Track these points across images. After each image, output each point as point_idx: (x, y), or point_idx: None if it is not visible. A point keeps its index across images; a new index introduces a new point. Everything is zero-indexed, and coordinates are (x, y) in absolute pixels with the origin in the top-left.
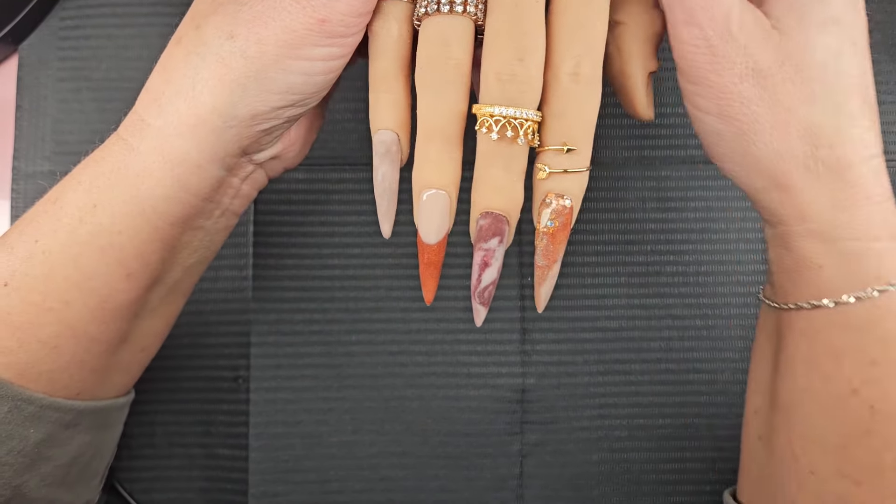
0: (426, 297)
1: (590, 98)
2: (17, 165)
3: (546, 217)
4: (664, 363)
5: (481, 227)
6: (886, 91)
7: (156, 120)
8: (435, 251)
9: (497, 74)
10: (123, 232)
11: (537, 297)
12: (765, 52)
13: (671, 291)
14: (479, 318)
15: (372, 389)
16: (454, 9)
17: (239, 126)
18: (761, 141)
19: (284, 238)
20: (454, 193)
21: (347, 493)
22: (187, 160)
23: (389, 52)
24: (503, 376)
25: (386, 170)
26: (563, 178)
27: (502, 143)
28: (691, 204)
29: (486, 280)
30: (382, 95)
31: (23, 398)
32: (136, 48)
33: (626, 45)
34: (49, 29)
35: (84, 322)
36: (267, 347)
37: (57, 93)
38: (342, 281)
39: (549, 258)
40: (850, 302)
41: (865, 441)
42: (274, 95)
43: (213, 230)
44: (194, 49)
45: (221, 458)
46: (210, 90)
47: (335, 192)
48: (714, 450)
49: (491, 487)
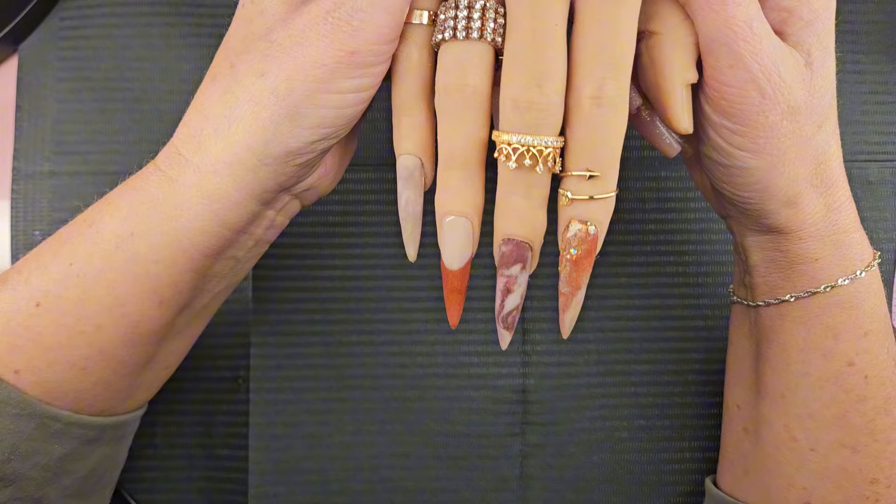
0: (451, 321)
1: (614, 122)
2: (17, 165)
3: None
4: (664, 363)
5: (503, 254)
6: (886, 91)
7: (194, 156)
8: (458, 277)
9: (514, 102)
10: (160, 262)
11: (562, 324)
12: (801, 89)
13: (671, 291)
14: (504, 343)
15: (372, 390)
16: (471, 35)
17: (274, 164)
18: (786, 170)
19: (284, 238)
20: (476, 219)
21: (348, 493)
22: (225, 197)
23: (410, 77)
24: (504, 377)
25: (409, 195)
26: (588, 204)
27: (521, 172)
28: (691, 204)
29: (508, 306)
30: (405, 119)
31: (49, 416)
32: (136, 48)
33: (661, 57)
34: (49, 29)
35: (114, 346)
36: (267, 347)
37: (57, 93)
38: (342, 281)
39: (573, 285)
40: (844, 284)
41: (860, 407)
42: (306, 131)
43: (244, 259)
44: (229, 88)
45: (221, 458)
46: (244, 129)
47: (336, 193)
48: (714, 450)
49: (492, 488)
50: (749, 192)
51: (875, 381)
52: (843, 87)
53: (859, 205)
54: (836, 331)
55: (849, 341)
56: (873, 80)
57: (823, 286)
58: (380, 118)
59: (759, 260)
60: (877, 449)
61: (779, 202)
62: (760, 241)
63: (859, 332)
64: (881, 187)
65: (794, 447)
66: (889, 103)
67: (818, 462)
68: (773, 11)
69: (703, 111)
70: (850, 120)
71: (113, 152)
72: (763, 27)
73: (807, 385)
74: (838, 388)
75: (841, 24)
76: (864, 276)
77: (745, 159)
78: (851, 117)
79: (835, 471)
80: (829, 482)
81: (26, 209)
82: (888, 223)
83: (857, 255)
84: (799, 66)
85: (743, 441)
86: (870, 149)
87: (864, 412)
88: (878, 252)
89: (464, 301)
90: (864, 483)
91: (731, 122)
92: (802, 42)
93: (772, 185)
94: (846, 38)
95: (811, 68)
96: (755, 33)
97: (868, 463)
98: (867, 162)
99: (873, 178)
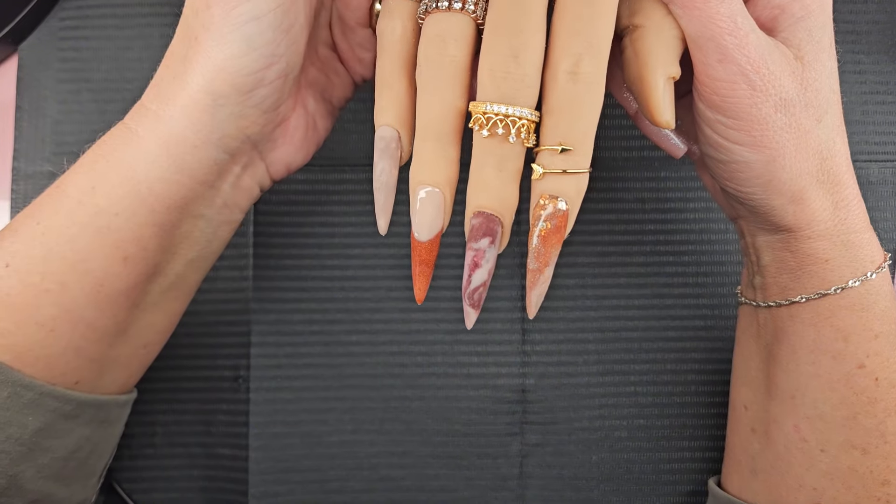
0: (417, 295)
1: (589, 98)
2: (17, 166)
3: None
4: (664, 363)
5: (473, 227)
6: (886, 91)
7: (153, 104)
8: (427, 248)
9: (491, 72)
10: (120, 214)
11: (528, 302)
12: (791, 81)
13: (671, 291)
14: (469, 321)
15: (372, 389)
16: (453, 6)
17: (229, 103)
18: (787, 164)
19: (284, 238)
20: (449, 192)
21: (347, 492)
22: (182, 141)
23: (393, 50)
24: (503, 376)
25: (385, 165)
26: (559, 179)
27: (493, 142)
28: (691, 204)
29: (475, 281)
30: (385, 92)
31: (22, 384)
32: (136, 49)
33: (645, 49)
34: (49, 29)
35: (80, 306)
36: (267, 347)
37: (57, 93)
38: (342, 281)
39: (541, 261)
40: (854, 286)
41: (871, 409)
42: (240, 56)
43: (214, 222)
44: (180, 32)
45: (221, 458)
46: (193, 69)
47: (335, 193)
48: (714, 450)
49: (491, 487)
50: (752, 187)
51: (886, 383)
52: (844, 87)
53: None
54: (846, 333)
55: (859, 343)
56: (874, 80)
57: (833, 288)
58: None
59: (769, 260)
60: (887, 450)
61: (784, 198)
62: (771, 241)
63: (870, 334)
64: (882, 187)
65: (803, 448)
66: (890, 103)
67: (828, 463)
68: (765, 9)
69: (698, 109)
70: (851, 120)
71: None
72: (747, 22)
73: (817, 386)
74: (848, 390)
75: (841, 24)
76: (874, 277)
77: (743, 153)
78: (852, 117)
79: (845, 472)
80: (839, 483)
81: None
82: (889, 223)
83: (867, 257)
84: (787, 58)
85: (751, 442)
86: (870, 149)
87: (874, 414)
88: (888, 254)
89: (431, 274)
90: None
91: (725, 116)
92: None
93: (774, 178)
94: (846, 38)
95: (802, 62)
96: (739, 27)
97: (879, 464)
98: (868, 162)
99: (874, 178)
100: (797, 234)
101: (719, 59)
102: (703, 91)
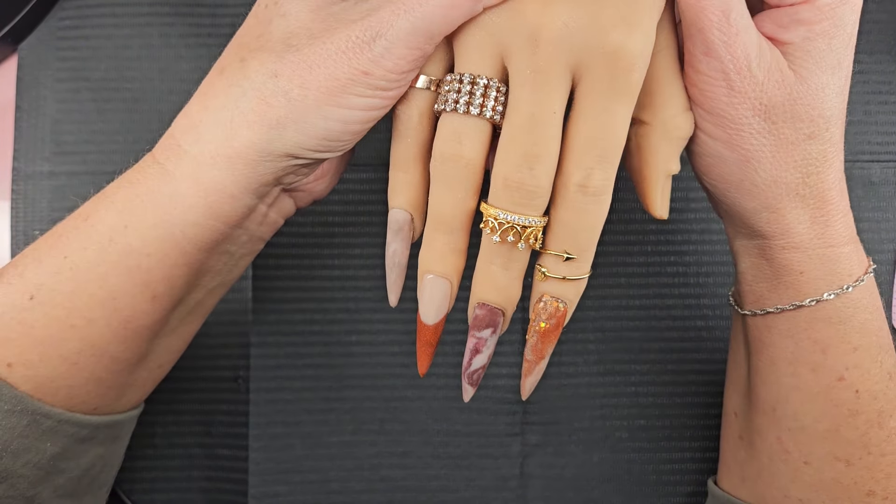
0: (420, 370)
1: (597, 210)
2: (17, 166)
3: (539, 317)
4: (664, 363)
5: (476, 317)
6: (888, 91)
7: (192, 147)
8: (432, 332)
9: (505, 180)
10: (152, 255)
11: (522, 387)
12: (779, 91)
13: (671, 292)
14: (466, 396)
15: (372, 389)
16: (471, 111)
17: (274, 161)
18: (762, 169)
19: (284, 238)
20: (455, 281)
21: (347, 493)
22: (221, 190)
23: (409, 137)
24: (504, 377)
25: (397, 247)
26: (561, 283)
27: (503, 246)
28: (691, 204)
29: (475, 364)
30: (400, 175)
31: (41, 413)
32: (136, 48)
33: (648, 147)
34: (48, 29)
35: (106, 341)
36: (267, 348)
37: (56, 93)
38: (342, 281)
39: (538, 354)
40: (829, 299)
41: (852, 421)
42: (311, 139)
43: (237, 255)
44: (236, 82)
45: (221, 458)
46: (248, 125)
47: (335, 193)
48: (714, 450)
49: (492, 488)
50: (725, 184)
51: (867, 395)
52: None
53: (861, 205)
54: (824, 345)
55: (837, 356)
56: (876, 80)
57: (809, 300)
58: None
59: (746, 267)
60: (871, 462)
61: (757, 202)
62: (747, 246)
63: (848, 347)
64: (883, 188)
65: (787, 459)
66: (892, 103)
67: (812, 475)
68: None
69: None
70: (853, 120)
71: (112, 152)
72: (742, 21)
73: (797, 399)
74: (829, 403)
75: None
76: (851, 291)
77: (717, 148)
78: (854, 117)
79: (829, 483)
80: (824, 494)
81: (26, 209)
82: (891, 223)
83: (844, 270)
84: (780, 67)
85: (739, 449)
86: (872, 149)
87: (856, 426)
88: (871, 265)
89: (433, 354)
90: (861, 495)
91: (703, 109)
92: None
93: (746, 180)
94: None
95: (797, 76)
96: (731, 24)
97: (863, 475)
98: (870, 162)
99: (876, 178)
100: (771, 243)
101: (704, 51)
102: (687, 83)
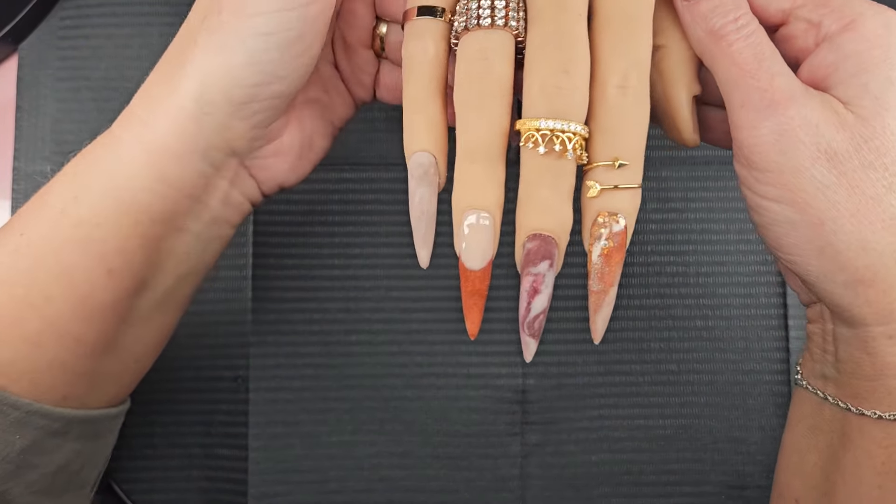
0: (470, 329)
1: (639, 111)
2: (18, 165)
3: (600, 237)
4: (664, 363)
5: (529, 251)
6: None
7: (141, 109)
8: (480, 278)
9: (542, 87)
10: (103, 224)
11: (593, 327)
12: (839, 132)
13: (671, 292)
14: (528, 353)
15: (372, 389)
16: (496, 22)
17: (217, 112)
18: (843, 231)
19: (284, 238)
20: (498, 215)
21: (347, 493)
22: (166, 149)
23: (425, 73)
24: (503, 377)
25: (424, 192)
26: (615, 195)
27: (550, 159)
28: (691, 204)
29: (536, 308)
30: (418, 117)
31: (8, 403)
32: (136, 48)
33: (669, 69)
34: (48, 29)
35: (65, 319)
36: (267, 347)
37: (56, 92)
38: (342, 281)
39: (606, 281)
40: None
41: None
42: (238, 69)
43: (203, 237)
44: (179, 37)
45: (221, 458)
46: (185, 75)
47: (335, 192)
48: (714, 451)
49: (491, 488)
50: (802, 255)
51: None
52: None
53: None
54: None
55: None
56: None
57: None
58: (379, 118)
59: (846, 356)
60: None
61: (847, 273)
62: (847, 336)
63: None
64: None
65: None
66: None
67: None
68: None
69: (736, 170)
70: None
71: None
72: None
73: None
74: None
75: None
76: None
77: (782, 211)
78: None
79: None
80: None
81: None
82: None
83: None
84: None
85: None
86: None
87: None
88: None
89: (484, 307)
90: None
91: (755, 169)
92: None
93: (828, 246)
94: None
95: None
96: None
97: None
98: None
99: None
100: (872, 331)
101: (741, 103)
102: (734, 146)
